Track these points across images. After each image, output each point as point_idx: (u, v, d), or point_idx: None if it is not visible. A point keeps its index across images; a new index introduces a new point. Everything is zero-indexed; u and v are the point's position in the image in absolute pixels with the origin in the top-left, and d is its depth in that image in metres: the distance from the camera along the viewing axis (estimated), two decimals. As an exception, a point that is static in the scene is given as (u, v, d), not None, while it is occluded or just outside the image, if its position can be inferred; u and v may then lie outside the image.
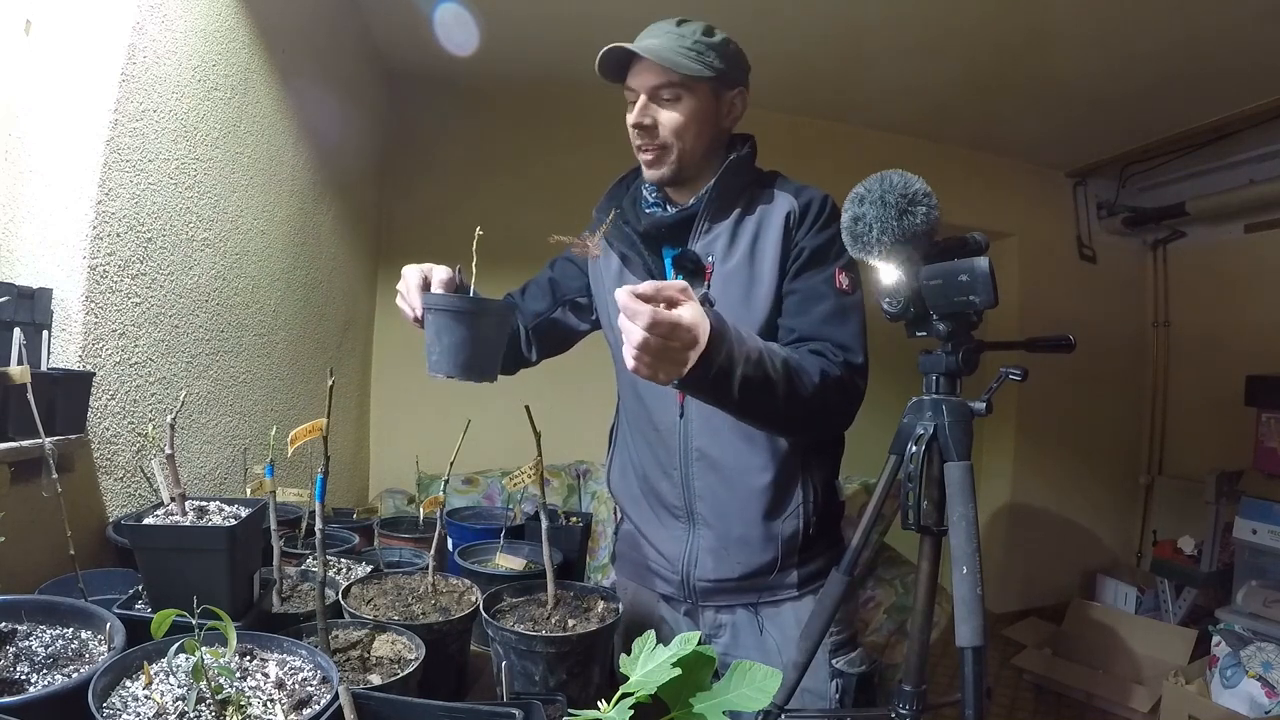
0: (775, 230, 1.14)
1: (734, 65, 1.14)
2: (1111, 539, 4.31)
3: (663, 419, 1.21)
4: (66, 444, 1.11)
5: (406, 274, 1.08)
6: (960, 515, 0.85)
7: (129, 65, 1.27)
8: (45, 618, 0.80)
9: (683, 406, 1.18)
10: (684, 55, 1.10)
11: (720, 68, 1.12)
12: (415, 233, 3.17)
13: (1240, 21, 2.48)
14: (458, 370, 0.96)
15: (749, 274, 1.13)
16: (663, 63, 1.09)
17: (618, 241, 1.23)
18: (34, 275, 1.19)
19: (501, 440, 2.36)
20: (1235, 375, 3.40)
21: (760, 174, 1.22)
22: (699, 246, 1.16)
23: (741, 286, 1.13)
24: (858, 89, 3.23)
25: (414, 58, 2.98)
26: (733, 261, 1.14)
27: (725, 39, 1.14)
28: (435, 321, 0.98)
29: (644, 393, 1.23)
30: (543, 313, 1.35)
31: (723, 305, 1.13)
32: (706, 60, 1.10)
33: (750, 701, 0.71)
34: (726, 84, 1.15)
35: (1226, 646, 2.75)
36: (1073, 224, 4.21)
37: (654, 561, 1.26)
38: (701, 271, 1.15)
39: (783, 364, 0.96)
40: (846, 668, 1.12)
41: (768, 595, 1.19)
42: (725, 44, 1.14)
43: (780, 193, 1.17)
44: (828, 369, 1.04)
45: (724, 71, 1.12)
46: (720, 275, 1.15)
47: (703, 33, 1.12)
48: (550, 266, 1.38)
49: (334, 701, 0.68)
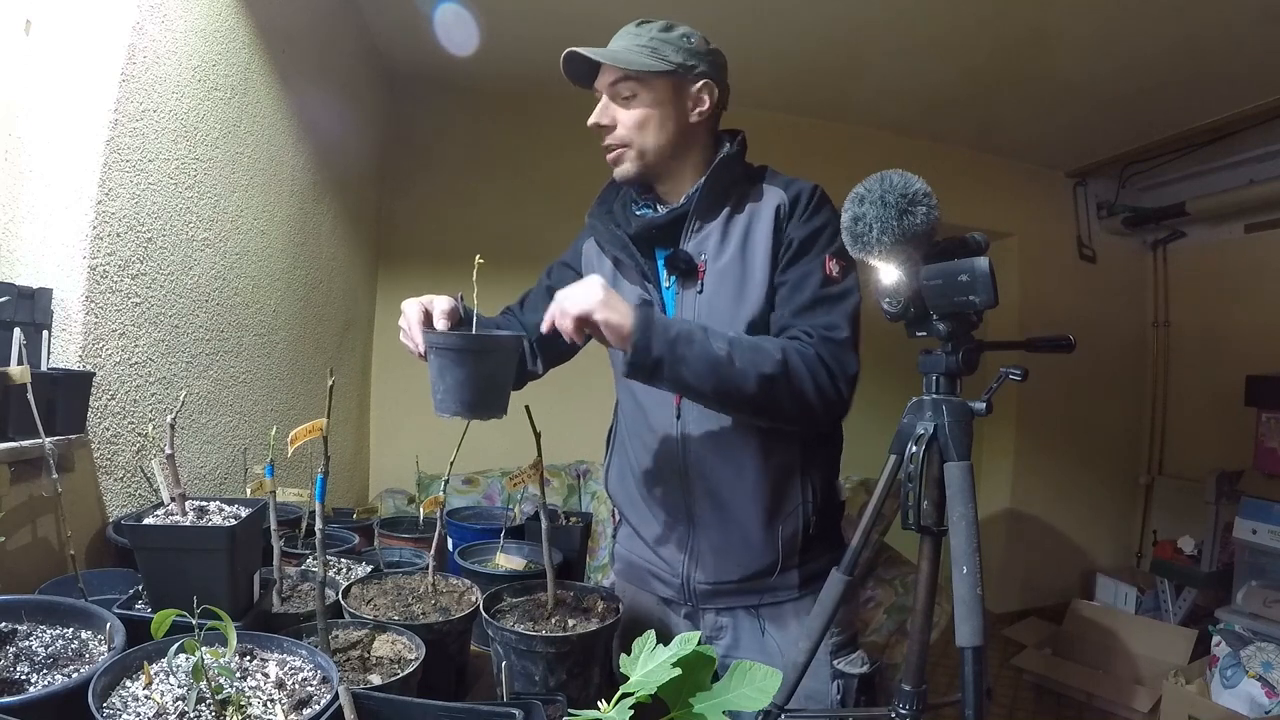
0: (766, 225, 1.13)
1: (696, 58, 1.14)
2: (1111, 539, 4.31)
3: (660, 423, 1.20)
4: (66, 444, 1.11)
5: (407, 310, 1.05)
6: (960, 515, 0.85)
7: (129, 65, 1.27)
8: (45, 618, 0.80)
9: (679, 409, 1.18)
10: (637, 52, 1.11)
11: (678, 61, 1.12)
12: (415, 233, 3.17)
13: (1240, 22, 2.48)
14: (464, 409, 0.93)
15: (741, 270, 1.13)
16: (615, 62, 1.11)
17: (609, 245, 1.23)
18: (34, 275, 1.19)
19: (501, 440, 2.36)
20: (1235, 375, 3.40)
21: (750, 170, 1.21)
22: (690, 246, 1.16)
23: (734, 283, 1.13)
24: (858, 89, 3.23)
25: (414, 58, 2.98)
26: (724, 259, 1.14)
27: (685, 33, 1.14)
28: (438, 360, 0.95)
29: (641, 397, 1.23)
30: None
31: (716, 302, 1.13)
32: (662, 55, 1.11)
33: (750, 701, 0.71)
34: (688, 77, 1.14)
35: (1226, 646, 2.75)
36: (1073, 224, 4.21)
37: (653, 565, 1.26)
38: (694, 271, 1.14)
39: (728, 341, 1.01)
40: (848, 669, 1.12)
41: (769, 596, 1.19)
42: (684, 38, 1.13)
43: (769, 187, 1.17)
44: (791, 345, 1.04)
45: (682, 65, 1.12)
46: (713, 273, 1.14)
47: (660, 29, 1.13)
48: (547, 274, 1.36)
49: (334, 701, 0.68)
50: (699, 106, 1.15)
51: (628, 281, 1.23)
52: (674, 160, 1.17)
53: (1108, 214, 4.21)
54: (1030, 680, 3.21)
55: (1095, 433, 4.25)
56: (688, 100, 1.15)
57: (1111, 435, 4.33)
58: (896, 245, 0.86)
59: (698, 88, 1.15)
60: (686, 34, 1.14)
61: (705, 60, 1.15)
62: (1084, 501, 4.23)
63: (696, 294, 1.15)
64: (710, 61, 1.16)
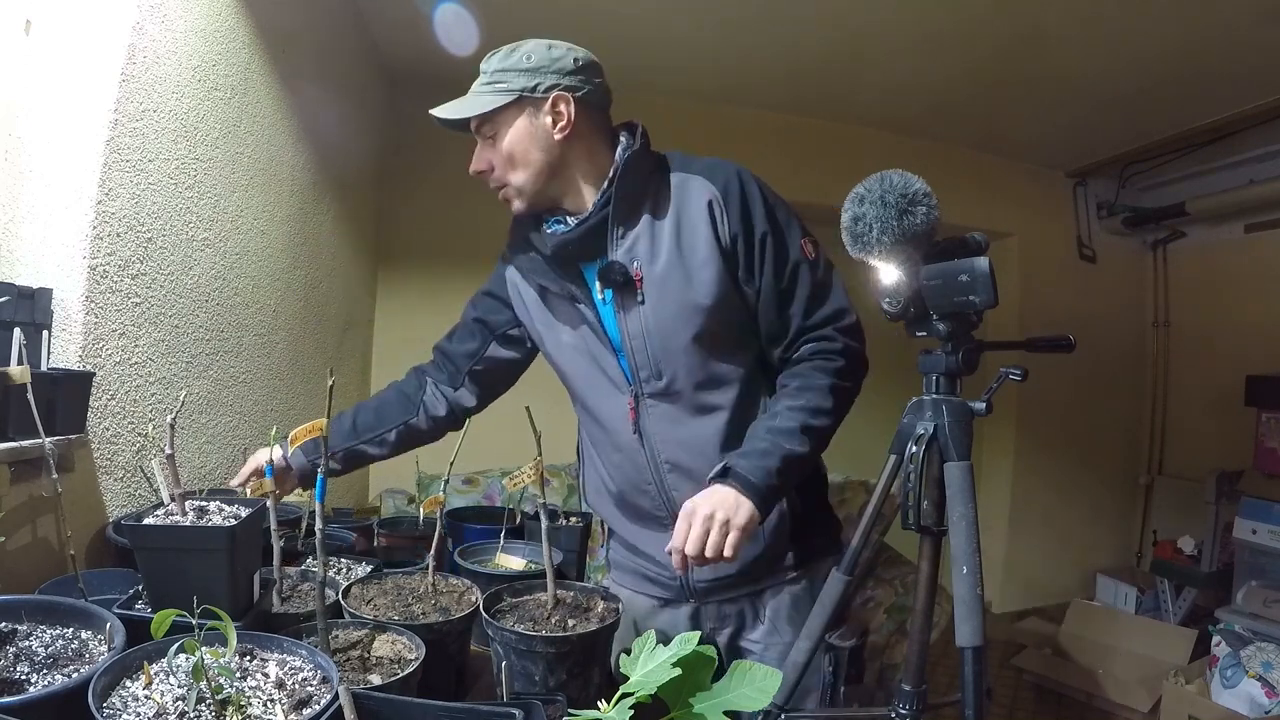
0: (700, 222, 1.09)
1: (538, 75, 1.08)
2: (1111, 539, 4.31)
3: (622, 439, 1.19)
4: (66, 444, 1.11)
5: None
6: (960, 515, 0.85)
7: (129, 65, 1.26)
8: (45, 618, 0.80)
9: (635, 424, 1.16)
10: (483, 93, 1.09)
11: (519, 86, 1.07)
12: (415, 233, 3.17)
13: (1240, 22, 2.48)
14: None
15: (682, 275, 1.09)
16: (458, 114, 1.10)
17: (531, 274, 1.18)
18: (34, 275, 1.19)
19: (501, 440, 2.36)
20: (1235, 375, 3.40)
21: (658, 159, 1.15)
22: (620, 254, 1.10)
23: (677, 287, 1.09)
24: (857, 88, 3.23)
25: (414, 58, 2.97)
26: (660, 264, 1.09)
27: (525, 52, 1.09)
28: None
29: (599, 414, 1.21)
30: (475, 353, 1.30)
31: (661, 312, 1.10)
32: (504, 86, 1.08)
33: (750, 701, 0.71)
34: (534, 97, 1.08)
35: (1226, 646, 2.75)
36: (1073, 224, 4.21)
37: (650, 569, 1.26)
38: (631, 281, 1.09)
39: (798, 425, 1.05)
40: (839, 641, 1.15)
41: (769, 580, 1.20)
42: (524, 58, 1.08)
43: (688, 177, 1.12)
44: (827, 365, 1.08)
45: (525, 88, 1.07)
46: (652, 280, 1.09)
47: (502, 58, 1.10)
48: (473, 306, 1.32)
49: (334, 701, 0.68)
50: (559, 121, 1.09)
51: (558, 307, 1.19)
52: (558, 179, 1.13)
53: (1108, 214, 4.21)
54: (1030, 680, 3.21)
55: (1095, 433, 4.25)
56: (544, 119, 1.09)
57: (1111, 435, 4.33)
58: (896, 245, 0.86)
59: (549, 104, 1.08)
60: (527, 53, 1.09)
61: (550, 73, 1.08)
62: (1084, 501, 4.23)
63: (639, 306, 1.10)
64: (558, 70, 1.09)
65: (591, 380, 1.19)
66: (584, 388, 1.22)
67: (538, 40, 1.11)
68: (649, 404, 1.15)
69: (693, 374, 1.12)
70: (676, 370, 1.12)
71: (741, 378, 1.15)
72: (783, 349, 1.14)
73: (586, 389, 1.21)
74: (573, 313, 1.16)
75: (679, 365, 1.12)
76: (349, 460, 1.28)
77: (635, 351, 1.13)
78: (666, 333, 1.10)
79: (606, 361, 1.16)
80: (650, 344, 1.11)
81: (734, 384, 1.14)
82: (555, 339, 1.21)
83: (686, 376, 1.12)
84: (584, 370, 1.19)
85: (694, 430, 1.14)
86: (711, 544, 0.99)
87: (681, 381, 1.13)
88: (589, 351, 1.17)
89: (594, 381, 1.19)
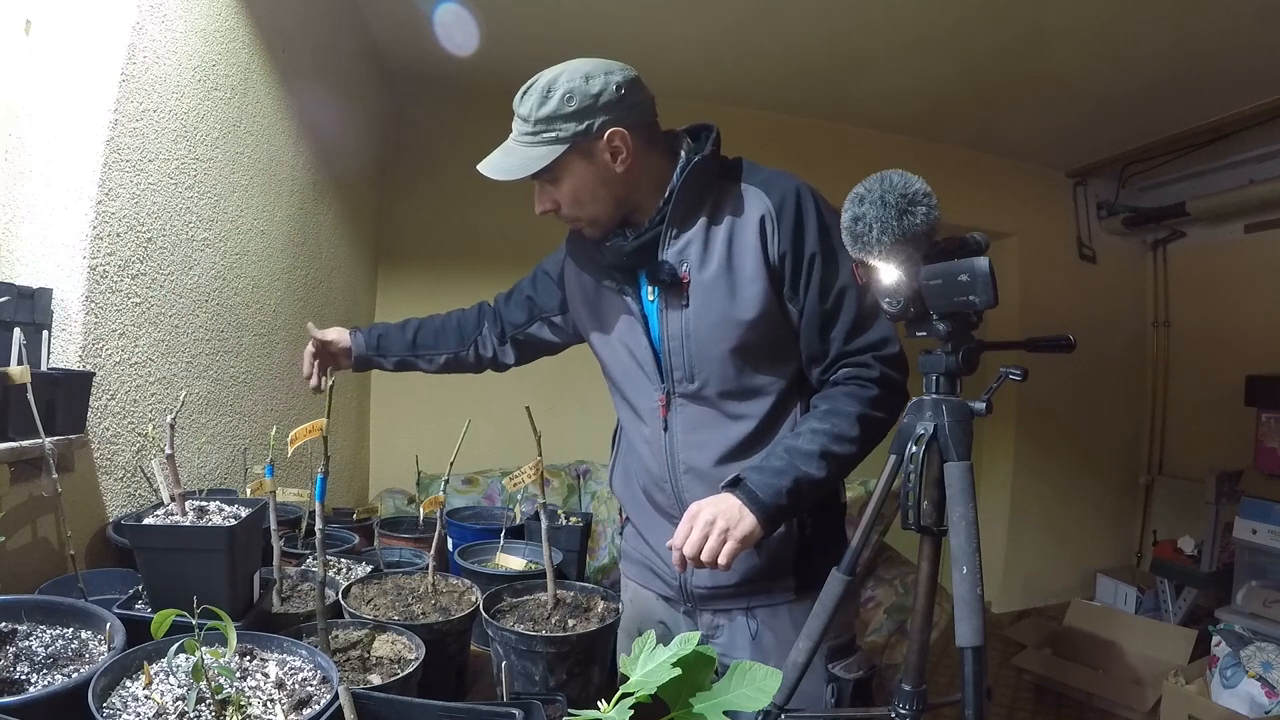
0: (751, 236, 1.09)
1: (586, 116, 1.05)
2: (1111, 539, 4.31)
3: (652, 433, 1.20)
4: (66, 444, 1.11)
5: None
6: (960, 515, 0.85)
7: (129, 65, 1.26)
8: (45, 618, 0.80)
9: (666, 420, 1.17)
10: (528, 145, 1.07)
11: (570, 131, 1.05)
12: (415, 233, 3.17)
13: (1239, 22, 2.48)
14: None
15: (729, 284, 1.09)
16: (512, 176, 1.07)
17: (586, 265, 1.22)
18: (34, 275, 1.19)
19: (501, 440, 2.36)
20: (1235, 375, 3.40)
21: (726, 165, 1.15)
22: (670, 254, 1.11)
23: (722, 297, 1.10)
24: (856, 88, 3.23)
25: (414, 58, 2.98)
26: (710, 271, 1.10)
27: (565, 94, 1.04)
28: None
29: (636, 406, 1.23)
30: (520, 325, 1.39)
31: (704, 317, 1.11)
32: (551, 136, 1.05)
33: (750, 701, 0.71)
34: (589, 140, 1.06)
35: (1226, 646, 2.75)
36: (1073, 224, 4.21)
37: (654, 564, 1.27)
38: (678, 282, 1.11)
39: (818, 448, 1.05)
40: (843, 673, 1.12)
41: (763, 599, 1.18)
42: (566, 100, 1.04)
43: (750, 188, 1.11)
44: (860, 393, 1.08)
45: (576, 132, 1.05)
46: (699, 285, 1.10)
47: (538, 105, 1.05)
48: (532, 279, 1.38)
49: (334, 701, 0.68)
50: (618, 155, 1.08)
51: (607, 298, 1.21)
52: (627, 204, 1.13)
53: (1108, 214, 4.21)
54: (1030, 680, 3.21)
55: (1095, 433, 4.25)
56: (603, 156, 1.08)
57: (1111, 435, 4.33)
58: (896, 245, 0.86)
59: (605, 141, 1.06)
60: (567, 94, 1.04)
61: (598, 111, 1.05)
62: (1084, 501, 4.23)
63: (683, 308, 1.11)
64: (603, 104, 1.05)
65: (629, 373, 1.21)
66: (621, 379, 1.24)
67: (571, 73, 1.06)
68: (679, 403, 1.16)
69: (726, 382, 1.13)
70: (710, 376, 1.13)
71: (776, 390, 1.14)
72: (821, 370, 1.13)
73: (624, 380, 1.23)
74: (619, 304, 1.19)
75: (713, 372, 1.12)
76: (400, 365, 1.44)
77: (672, 352, 1.14)
78: (705, 340, 1.11)
79: (644, 357, 1.17)
80: (688, 347, 1.12)
81: (767, 396, 1.14)
82: (599, 327, 1.24)
83: (719, 384, 1.13)
84: (623, 362, 1.22)
85: (717, 436, 1.15)
86: (708, 549, 0.99)
87: (713, 387, 1.13)
88: (628, 345, 1.19)
89: (631, 374, 1.21)
